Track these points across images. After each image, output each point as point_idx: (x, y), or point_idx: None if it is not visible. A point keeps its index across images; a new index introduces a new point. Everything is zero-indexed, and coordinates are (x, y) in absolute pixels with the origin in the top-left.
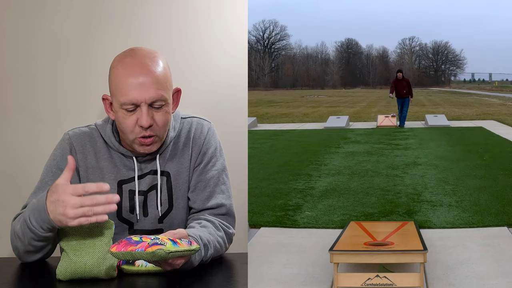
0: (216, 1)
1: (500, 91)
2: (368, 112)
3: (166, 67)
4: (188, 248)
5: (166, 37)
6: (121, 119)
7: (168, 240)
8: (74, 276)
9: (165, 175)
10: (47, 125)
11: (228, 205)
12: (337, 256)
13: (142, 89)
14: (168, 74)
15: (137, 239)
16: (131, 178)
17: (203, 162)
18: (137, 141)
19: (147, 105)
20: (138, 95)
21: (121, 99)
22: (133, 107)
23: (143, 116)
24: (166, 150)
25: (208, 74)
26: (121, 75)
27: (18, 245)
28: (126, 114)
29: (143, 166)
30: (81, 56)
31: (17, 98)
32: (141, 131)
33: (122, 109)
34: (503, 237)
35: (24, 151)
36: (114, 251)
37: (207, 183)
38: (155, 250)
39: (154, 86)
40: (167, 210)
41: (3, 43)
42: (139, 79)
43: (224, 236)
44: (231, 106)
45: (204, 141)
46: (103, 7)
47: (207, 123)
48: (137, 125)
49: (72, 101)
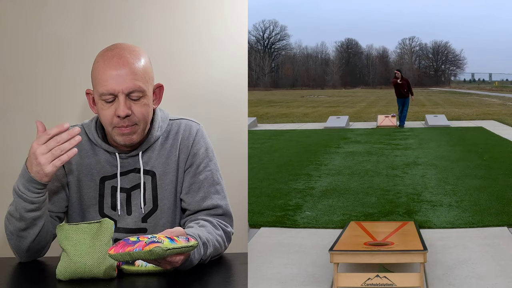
0: (216, 1)
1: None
2: (368, 112)
3: (146, 62)
4: (186, 245)
5: (166, 37)
6: (100, 110)
7: (166, 238)
8: (74, 276)
9: (150, 175)
10: (47, 125)
11: (224, 206)
12: (337, 256)
13: (120, 79)
14: (148, 68)
15: (134, 239)
16: (114, 174)
17: (195, 163)
18: (116, 131)
19: (124, 95)
20: (115, 85)
21: (100, 90)
22: (111, 97)
23: (120, 106)
24: (151, 149)
25: (208, 74)
26: (100, 67)
27: (12, 229)
28: (105, 105)
29: (126, 162)
30: (81, 56)
31: (17, 98)
32: (119, 121)
33: (101, 100)
34: (503, 237)
35: (24, 151)
36: (113, 253)
37: (201, 185)
38: (152, 248)
39: (131, 77)
40: (151, 210)
41: (3, 43)
42: (116, 70)
43: (223, 235)
44: (231, 106)
45: (193, 143)
46: (103, 7)
47: (196, 124)
48: (115, 115)
49: (72, 101)
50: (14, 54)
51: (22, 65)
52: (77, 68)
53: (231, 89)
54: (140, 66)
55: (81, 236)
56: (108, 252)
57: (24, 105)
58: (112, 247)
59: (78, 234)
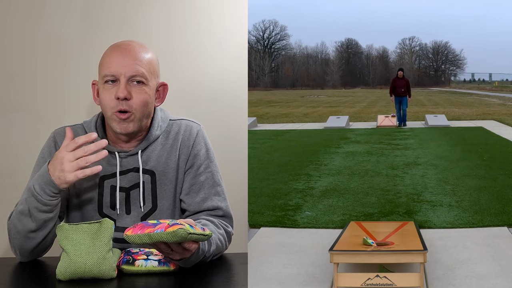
0: (216, 1)
1: (500, 91)
2: (368, 112)
3: (153, 56)
4: (204, 233)
5: (166, 37)
6: (101, 94)
7: (185, 223)
8: (74, 276)
9: (149, 174)
10: (47, 125)
11: (225, 207)
12: (337, 256)
13: (124, 63)
14: (154, 61)
15: (154, 221)
16: (113, 173)
17: (195, 164)
18: (114, 117)
19: (126, 79)
20: (118, 67)
21: (103, 72)
22: (113, 78)
23: (120, 87)
24: (150, 149)
25: (208, 74)
26: (107, 53)
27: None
28: (106, 88)
29: (125, 162)
30: (81, 56)
31: (17, 98)
32: (117, 104)
33: (104, 83)
34: (503, 237)
35: (24, 151)
36: (130, 233)
37: (202, 186)
38: (176, 229)
39: (134, 62)
40: (151, 210)
41: (3, 43)
42: (122, 55)
43: (224, 234)
44: (231, 106)
45: (194, 144)
46: (103, 7)
47: (196, 125)
48: (114, 98)
49: (72, 101)
50: (14, 54)
51: (22, 64)
52: (77, 68)
53: (231, 89)
54: (146, 56)
55: (81, 236)
56: (124, 234)
57: (24, 104)
58: (129, 228)
59: (78, 234)
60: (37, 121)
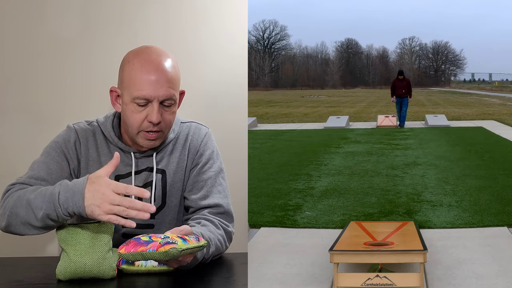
0: (216, 1)
1: (500, 91)
2: (368, 112)
3: (176, 68)
4: (198, 245)
5: (166, 37)
6: (129, 112)
7: (178, 238)
8: (74, 276)
9: (160, 173)
10: (47, 125)
11: (226, 205)
12: (337, 256)
13: (157, 86)
14: (179, 74)
15: (146, 238)
16: (128, 173)
17: (200, 163)
18: (142, 134)
19: (158, 102)
20: (152, 91)
21: (135, 93)
22: (144, 102)
23: (154, 112)
24: (163, 150)
25: (208, 74)
26: (137, 70)
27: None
28: (137, 108)
29: (140, 162)
30: (81, 56)
31: (17, 98)
32: (148, 126)
33: (134, 103)
34: (503, 237)
35: (24, 151)
36: (124, 252)
37: (204, 184)
38: (168, 249)
39: (167, 84)
40: (160, 207)
41: (3, 43)
42: (154, 76)
43: (224, 234)
44: (231, 105)
45: (201, 144)
46: (103, 7)
47: (205, 128)
48: (146, 120)
49: (72, 101)
50: (14, 54)
51: (22, 64)
52: (77, 68)
53: (231, 89)
54: (174, 73)
55: (81, 236)
56: (118, 251)
57: (24, 104)
58: (123, 246)
59: (78, 234)
60: (37, 121)
